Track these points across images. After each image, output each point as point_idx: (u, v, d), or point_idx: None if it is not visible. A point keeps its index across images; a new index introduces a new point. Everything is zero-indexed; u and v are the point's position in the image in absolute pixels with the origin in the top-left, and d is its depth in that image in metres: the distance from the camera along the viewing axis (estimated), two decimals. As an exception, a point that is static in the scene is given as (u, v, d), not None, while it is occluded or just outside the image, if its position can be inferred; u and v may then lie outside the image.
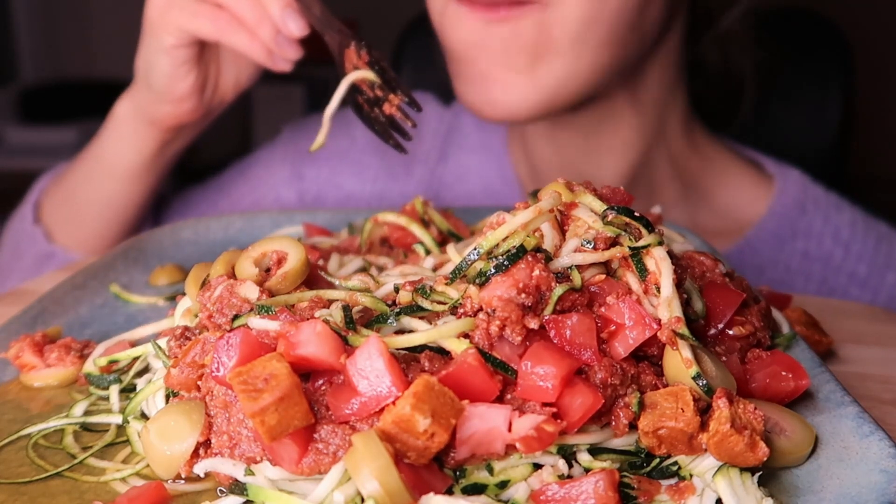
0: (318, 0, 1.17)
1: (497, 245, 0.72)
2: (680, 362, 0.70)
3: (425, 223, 1.02)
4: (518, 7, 1.19)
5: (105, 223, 1.45)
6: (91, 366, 0.87)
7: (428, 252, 0.97)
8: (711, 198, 1.45)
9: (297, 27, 1.13)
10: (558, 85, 1.23)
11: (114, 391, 0.83)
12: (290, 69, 1.19)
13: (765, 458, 0.67)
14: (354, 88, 1.12)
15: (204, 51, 1.26)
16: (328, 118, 1.10)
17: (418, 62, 2.26)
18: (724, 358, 0.77)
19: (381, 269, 0.95)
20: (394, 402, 0.63)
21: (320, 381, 0.67)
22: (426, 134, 1.63)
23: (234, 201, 1.66)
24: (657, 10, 1.25)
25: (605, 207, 0.75)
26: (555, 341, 0.70)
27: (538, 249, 0.72)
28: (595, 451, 0.69)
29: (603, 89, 1.31)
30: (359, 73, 1.10)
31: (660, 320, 0.71)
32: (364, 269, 0.95)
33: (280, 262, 0.83)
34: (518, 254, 0.69)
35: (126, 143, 1.36)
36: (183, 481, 0.70)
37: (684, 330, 0.70)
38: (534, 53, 1.21)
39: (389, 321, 0.73)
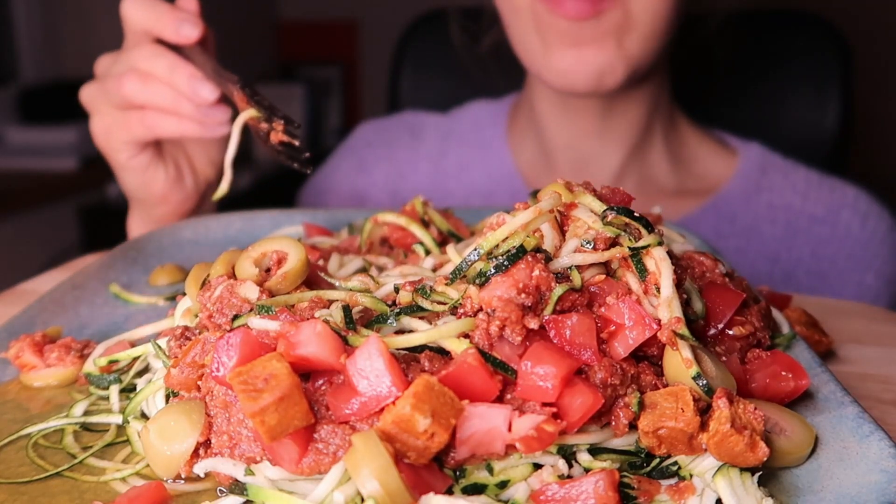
0: (206, 57, 1.22)
1: (497, 245, 0.72)
2: (680, 362, 0.70)
3: (425, 223, 1.02)
4: (604, 3, 1.40)
5: None
6: (91, 366, 0.87)
7: (428, 252, 0.97)
8: (692, 164, 1.72)
9: (208, 92, 1.18)
10: (641, 55, 1.45)
11: (114, 391, 0.83)
12: (226, 130, 1.22)
13: (765, 458, 0.67)
14: (256, 130, 1.14)
15: (161, 148, 1.33)
16: (228, 165, 1.17)
17: (418, 63, 2.26)
18: (724, 358, 0.77)
19: (381, 269, 0.95)
20: (394, 402, 0.63)
21: (320, 381, 0.67)
22: (427, 138, 1.84)
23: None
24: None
25: (605, 208, 0.75)
26: (555, 341, 0.70)
27: (538, 250, 0.72)
28: (595, 451, 0.69)
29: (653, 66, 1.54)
30: (242, 116, 1.14)
31: (660, 320, 0.71)
32: (364, 270, 0.95)
33: (280, 262, 0.83)
34: (518, 254, 0.69)
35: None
36: (183, 481, 0.70)
37: (684, 330, 0.70)
38: (619, 32, 1.42)
39: (389, 321, 0.73)
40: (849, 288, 1.60)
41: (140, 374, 0.86)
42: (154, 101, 1.21)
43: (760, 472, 0.67)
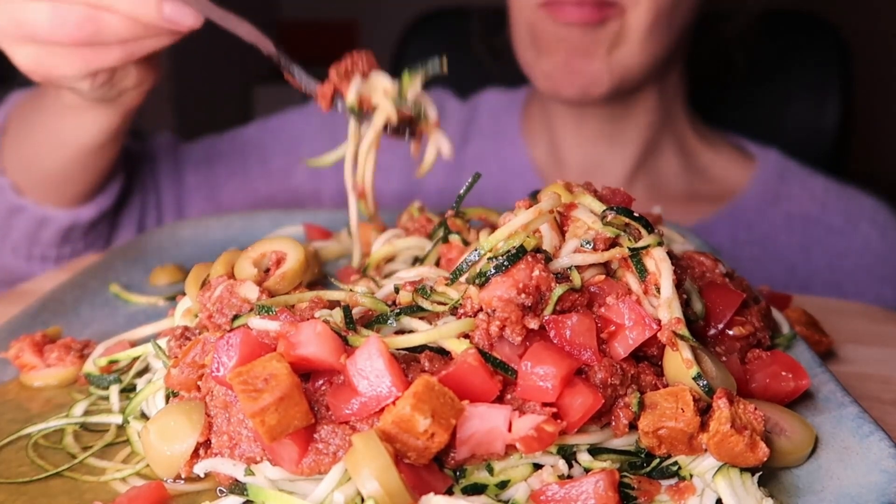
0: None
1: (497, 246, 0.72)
2: (680, 363, 0.70)
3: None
4: (602, 11, 1.40)
5: (74, 183, 1.33)
6: (91, 366, 0.87)
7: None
8: (706, 170, 1.70)
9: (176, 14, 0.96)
10: (629, 67, 1.46)
11: (114, 391, 0.83)
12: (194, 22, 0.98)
13: (765, 459, 0.67)
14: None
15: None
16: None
17: (419, 62, 2.26)
18: (724, 358, 0.77)
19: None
20: (394, 403, 0.63)
21: (320, 382, 0.67)
22: (448, 124, 1.80)
23: (264, 158, 1.73)
24: (689, 9, 1.50)
25: (605, 208, 0.75)
26: (555, 341, 0.70)
27: (538, 250, 0.72)
28: (595, 451, 0.69)
29: (647, 77, 1.54)
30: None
31: (660, 321, 0.71)
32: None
33: (279, 262, 0.83)
34: (518, 254, 0.69)
35: (87, 125, 1.23)
36: (183, 481, 0.70)
37: (684, 331, 0.70)
38: (611, 45, 1.44)
39: (389, 321, 0.73)
40: (866, 300, 1.55)
41: (140, 374, 0.86)
42: (109, 38, 0.97)
43: (760, 473, 0.67)
